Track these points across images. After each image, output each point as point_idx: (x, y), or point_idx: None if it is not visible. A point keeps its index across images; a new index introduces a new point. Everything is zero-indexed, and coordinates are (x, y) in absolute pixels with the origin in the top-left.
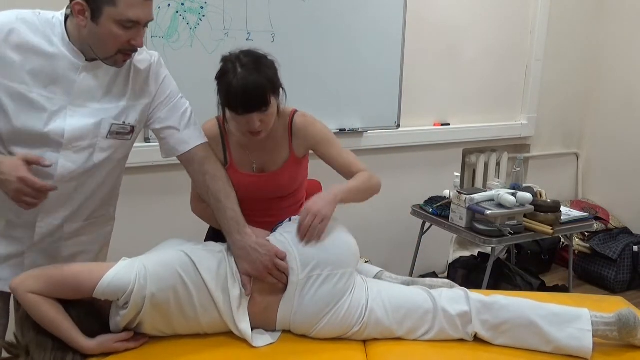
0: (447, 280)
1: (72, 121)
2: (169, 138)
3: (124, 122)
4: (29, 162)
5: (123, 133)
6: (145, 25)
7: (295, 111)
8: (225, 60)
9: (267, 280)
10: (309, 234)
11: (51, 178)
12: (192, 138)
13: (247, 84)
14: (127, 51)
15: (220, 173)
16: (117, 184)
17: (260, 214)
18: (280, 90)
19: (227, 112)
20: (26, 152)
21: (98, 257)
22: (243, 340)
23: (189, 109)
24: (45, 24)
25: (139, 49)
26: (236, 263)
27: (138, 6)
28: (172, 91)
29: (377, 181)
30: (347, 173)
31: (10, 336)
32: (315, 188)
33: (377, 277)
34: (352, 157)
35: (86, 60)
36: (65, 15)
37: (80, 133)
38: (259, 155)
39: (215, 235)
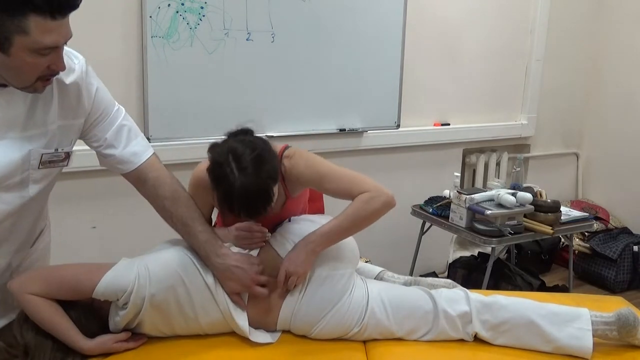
0: (448, 280)
1: None
2: (109, 158)
3: (56, 150)
4: None
5: (57, 161)
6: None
7: (284, 150)
8: (219, 162)
9: (255, 292)
10: (285, 287)
11: None
12: (134, 155)
13: (249, 192)
14: (47, 77)
15: (178, 194)
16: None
17: None
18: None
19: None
20: None
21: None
22: (243, 341)
23: (126, 120)
24: None
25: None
26: (221, 284)
27: (54, 30)
28: (107, 104)
29: (378, 204)
30: (350, 200)
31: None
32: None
33: (378, 276)
34: (351, 182)
35: None
36: None
37: (6, 170)
38: None
39: None
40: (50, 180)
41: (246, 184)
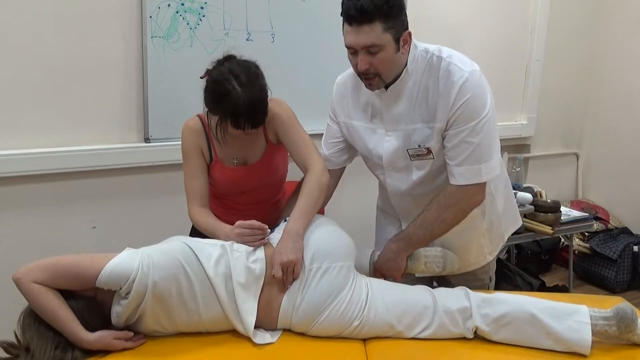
0: (438, 248)
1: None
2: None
3: (419, 146)
4: None
5: (422, 155)
6: (369, 51)
7: None
8: (219, 81)
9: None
10: (287, 280)
11: None
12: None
13: (254, 102)
14: (361, 75)
15: None
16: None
17: (246, 205)
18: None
19: (227, 126)
20: None
21: None
22: (243, 340)
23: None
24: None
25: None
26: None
27: (350, 33)
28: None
29: (326, 179)
30: (301, 167)
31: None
32: None
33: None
34: (308, 147)
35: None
36: None
37: (393, 156)
38: (240, 149)
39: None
40: (428, 170)
41: (251, 96)
